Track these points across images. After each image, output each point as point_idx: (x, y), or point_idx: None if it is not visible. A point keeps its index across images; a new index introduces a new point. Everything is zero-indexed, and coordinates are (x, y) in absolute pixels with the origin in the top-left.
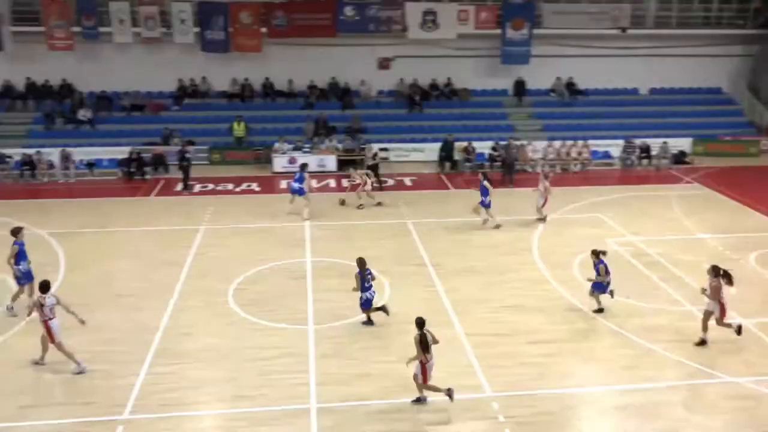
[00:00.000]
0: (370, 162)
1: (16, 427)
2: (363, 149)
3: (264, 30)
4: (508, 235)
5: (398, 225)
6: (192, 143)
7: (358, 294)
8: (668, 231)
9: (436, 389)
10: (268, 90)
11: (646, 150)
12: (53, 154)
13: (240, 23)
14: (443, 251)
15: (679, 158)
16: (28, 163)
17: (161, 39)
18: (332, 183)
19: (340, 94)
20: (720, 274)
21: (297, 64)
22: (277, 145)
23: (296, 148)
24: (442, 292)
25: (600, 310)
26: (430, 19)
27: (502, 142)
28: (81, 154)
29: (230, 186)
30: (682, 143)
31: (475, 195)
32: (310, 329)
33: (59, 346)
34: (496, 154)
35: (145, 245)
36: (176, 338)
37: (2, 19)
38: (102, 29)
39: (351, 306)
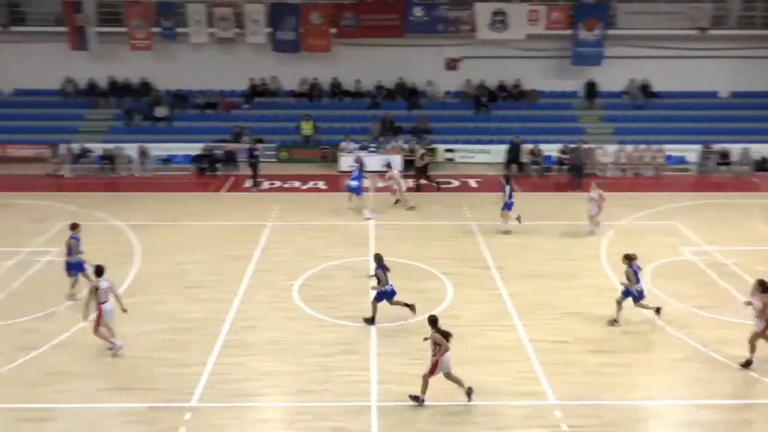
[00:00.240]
0: (419, 163)
1: (94, 408)
2: (428, 149)
3: (333, 30)
4: (576, 241)
5: (462, 227)
6: (261, 141)
7: (385, 289)
8: (746, 241)
9: (424, 388)
10: (336, 89)
11: (725, 156)
12: (131, 149)
13: (310, 24)
14: (507, 254)
15: (762, 165)
16: (108, 158)
17: (234, 39)
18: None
19: (406, 94)
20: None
21: (365, 64)
22: (343, 144)
23: (362, 148)
24: (506, 296)
25: (613, 321)
26: (499, 20)
27: (572, 145)
28: (157, 149)
29: (297, 184)
30: (765, 149)
31: (538, 198)
32: (372, 327)
33: (100, 332)
34: (564, 157)
35: (215, 239)
36: (242, 331)
37: (88, 20)
38: (179, 30)
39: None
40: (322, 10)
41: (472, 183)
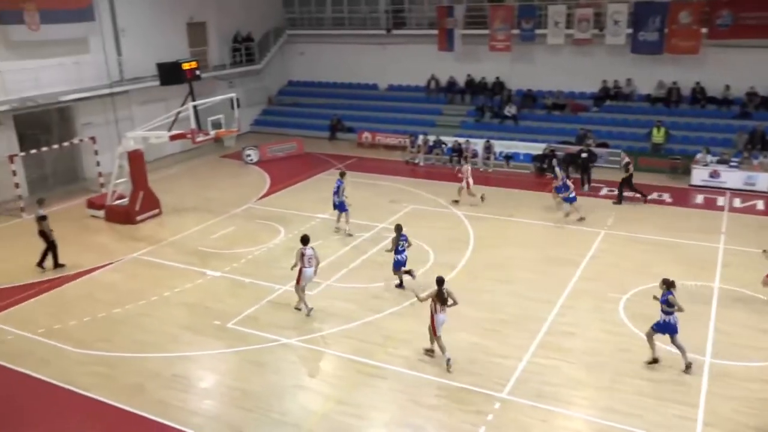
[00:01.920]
0: (624, 174)
1: (415, 376)
2: None
3: (704, 30)
4: None
5: None
6: (605, 145)
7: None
8: None
9: (442, 348)
10: (699, 95)
11: None
12: (478, 144)
13: (678, 23)
14: None
15: None
16: (457, 150)
17: (592, 40)
18: (760, 205)
19: None
20: None
21: (737, 68)
22: (699, 156)
23: (721, 161)
24: None
25: (654, 361)
26: None
27: None
28: (501, 146)
29: (638, 194)
30: None
31: None
32: (705, 361)
33: (297, 290)
34: None
35: (545, 239)
36: (560, 334)
37: (457, 23)
38: (538, 32)
39: (761, 347)
40: (693, 8)
41: None
